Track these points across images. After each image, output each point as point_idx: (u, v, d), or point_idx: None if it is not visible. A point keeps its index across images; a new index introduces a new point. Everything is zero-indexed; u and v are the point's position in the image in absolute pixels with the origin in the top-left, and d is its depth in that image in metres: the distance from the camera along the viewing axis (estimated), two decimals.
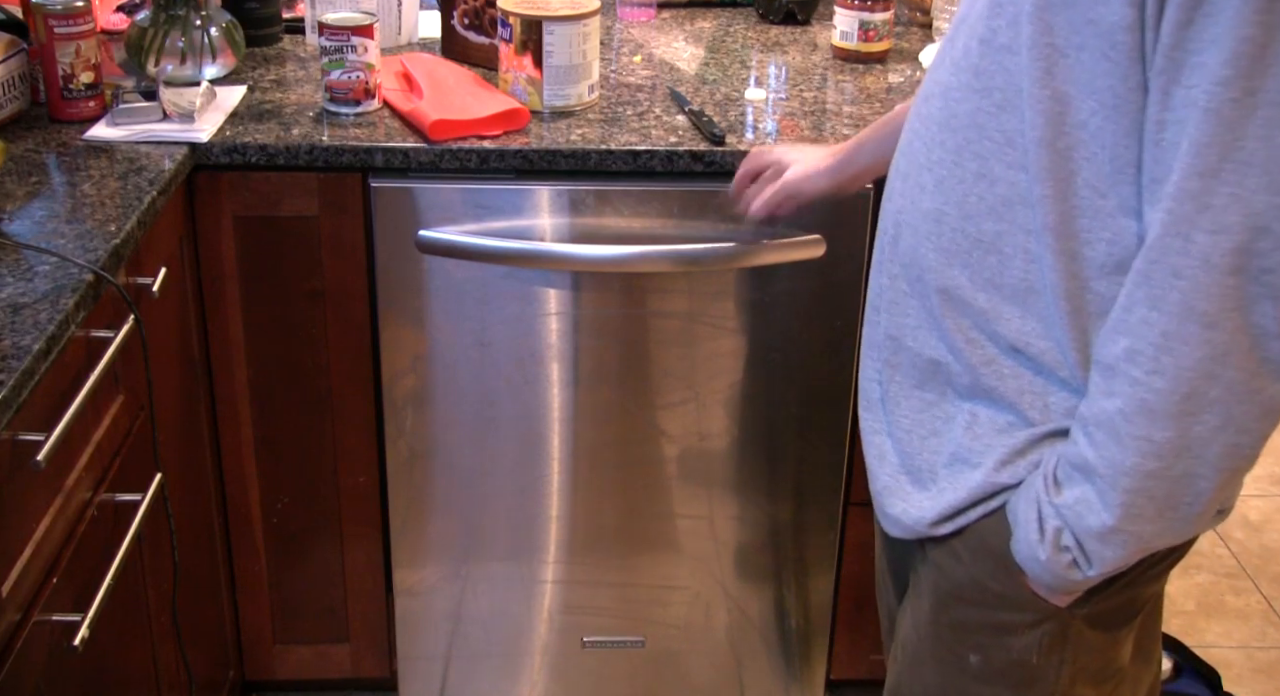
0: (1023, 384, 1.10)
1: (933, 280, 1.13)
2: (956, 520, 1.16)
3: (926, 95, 1.15)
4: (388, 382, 1.88)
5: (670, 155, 1.76)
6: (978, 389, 1.13)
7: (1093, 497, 1.04)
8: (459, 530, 1.99)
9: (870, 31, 2.05)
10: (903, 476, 1.21)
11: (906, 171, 1.17)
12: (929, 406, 1.18)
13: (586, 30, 1.82)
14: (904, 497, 1.20)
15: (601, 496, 1.98)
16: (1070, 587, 1.11)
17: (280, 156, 1.74)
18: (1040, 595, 1.13)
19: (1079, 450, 1.05)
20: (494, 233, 1.79)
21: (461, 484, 1.95)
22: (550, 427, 1.93)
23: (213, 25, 1.92)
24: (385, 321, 1.84)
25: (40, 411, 1.24)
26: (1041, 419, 1.11)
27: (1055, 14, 1.00)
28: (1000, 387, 1.12)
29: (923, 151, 1.14)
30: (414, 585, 2.02)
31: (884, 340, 1.21)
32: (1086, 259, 1.04)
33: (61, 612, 1.29)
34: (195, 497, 1.83)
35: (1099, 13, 0.97)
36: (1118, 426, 1.01)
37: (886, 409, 1.22)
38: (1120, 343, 1.00)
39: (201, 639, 1.86)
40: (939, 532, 1.18)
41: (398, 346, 1.86)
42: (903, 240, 1.17)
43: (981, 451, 1.14)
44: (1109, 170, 1.01)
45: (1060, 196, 1.03)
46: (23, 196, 1.56)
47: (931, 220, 1.12)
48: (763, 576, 2.05)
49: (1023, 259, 1.07)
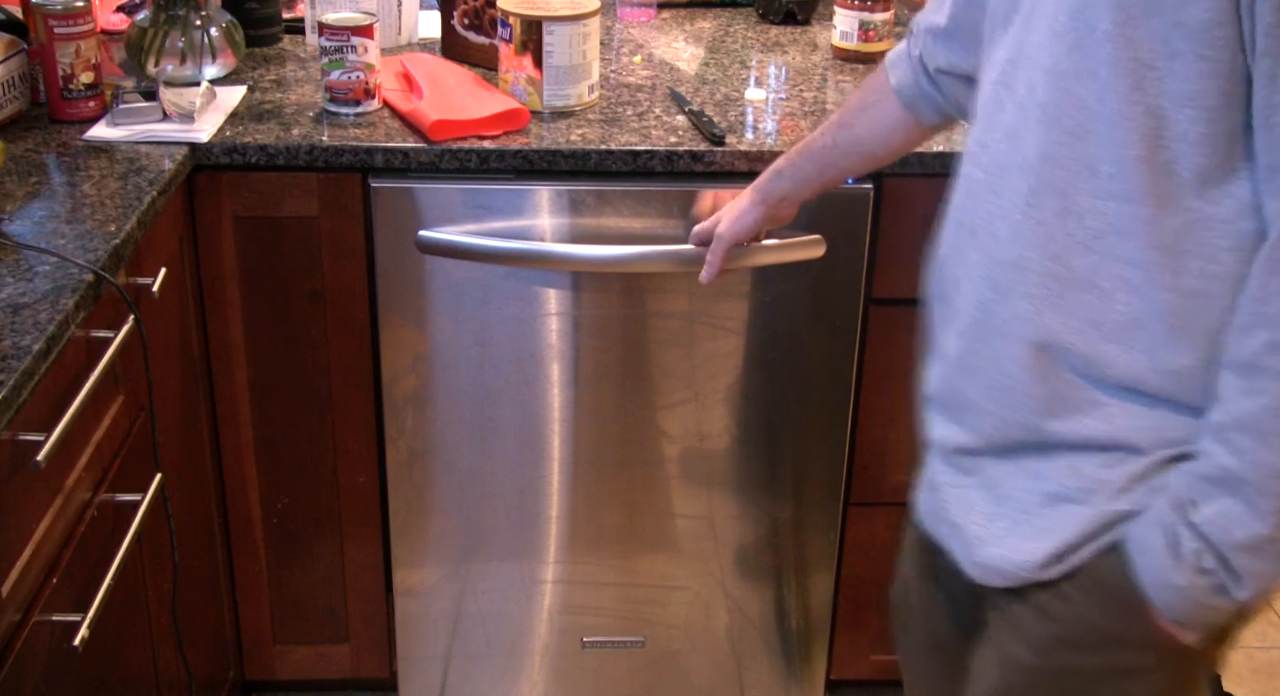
0: (1133, 421, 1.06)
1: (1023, 333, 1.08)
2: (1068, 560, 1.10)
3: (981, 145, 1.12)
4: (388, 382, 1.88)
5: (670, 155, 1.76)
6: (1078, 437, 1.08)
7: (1239, 509, 0.98)
8: (459, 530, 1.99)
9: (870, 31, 2.05)
10: (997, 523, 1.14)
11: (973, 227, 1.12)
12: (1022, 457, 1.12)
13: (586, 30, 1.82)
14: (1000, 543, 1.13)
15: (601, 496, 1.98)
16: (1212, 616, 1.04)
17: (280, 156, 1.74)
18: (1170, 632, 1.06)
19: (1218, 461, 1.00)
20: (494, 233, 1.79)
21: (461, 484, 1.95)
22: (550, 428, 1.93)
23: (213, 25, 1.92)
24: (385, 321, 1.84)
25: (40, 411, 1.24)
26: (1155, 447, 1.06)
27: (1138, 27, 0.96)
28: (1106, 428, 1.07)
29: (990, 201, 1.09)
30: (414, 585, 2.02)
31: (960, 399, 1.15)
32: (1207, 274, 1.00)
33: (61, 612, 1.29)
34: (195, 497, 1.83)
35: (1188, 14, 0.94)
36: (1265, 426, 0.97)
37: (969, 464, 1.17)
38: (1259, 337, 0.96)
39: (201, 639, 1.86)
40: (1047, 576, 1.11)
41: (398, 346, 1.86)
42: (976, 297, 1.12)
43: (1089, 488, 1.08)
44: (1220, 175, 0.98)
45: (1164, 215, 0.99)
46: (23, 196, 1.56)
47: (1013, 270, 1.08)
48: (763, 576, 2.05)
49: (1124, 291, 1.03)
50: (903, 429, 1.94)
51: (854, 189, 1.78)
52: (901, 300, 1.86)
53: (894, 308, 1.86)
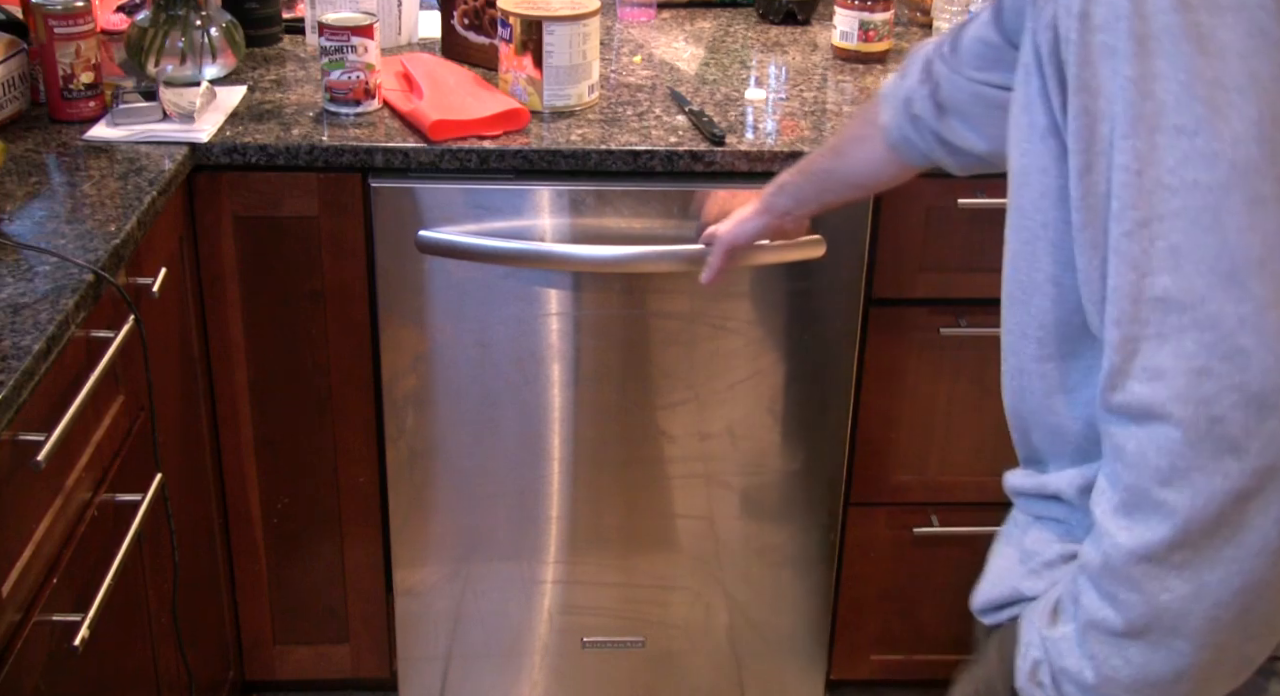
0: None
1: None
2: (993, 615, 1.06)
3: (1008, 225, 1.06)
4: (388, 382, 1.88)
5: (670, 155, 1.76)
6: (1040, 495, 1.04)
7: (1074, 636, 0.90)
8: (459, 530, 1.99)
9: (870, 31, 2.05)
10: (995, 548, 1.11)
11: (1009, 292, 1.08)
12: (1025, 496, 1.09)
13: (586, 30, 1.82)
14: (984, 572, 1.10)
15: (601, 496, 1.98)
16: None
17: (280, 156, 1.74)
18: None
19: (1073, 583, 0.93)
20: (494, 233, 1.79)
21: (461, 484, 1.95)
22: (550, 428, 1.93)
23: (213, 25, 1.92)
24: (385, 321, 1.84)
25: (40, 411, 1.24)
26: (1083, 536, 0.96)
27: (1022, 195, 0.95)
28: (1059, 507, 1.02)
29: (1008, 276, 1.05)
30: (414, 585, 2.02)
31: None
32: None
33: (61, 612, 1.29)
34: (195, 497, 1.83)
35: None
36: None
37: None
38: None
39: (201, 639, 1.86)
40: (985, 621, 1.07)
41: (398, 346, 1.86)
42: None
43: (1029, 555, 1.03)
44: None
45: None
46: (23, 196, 1.56)
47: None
48: (763, 576, 2.05)
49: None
50: (903, 429, 1.94)
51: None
52: (901, 300, 1.86)
53: (894, 308, 1.87)
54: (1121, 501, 0.84)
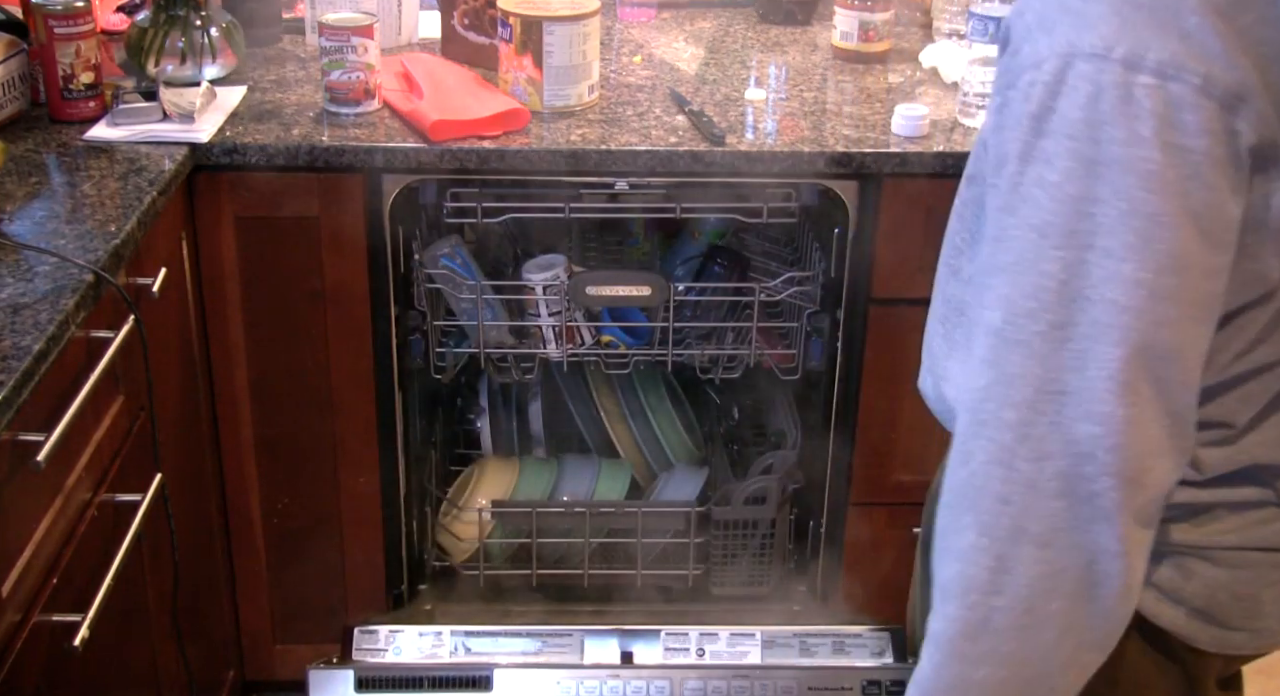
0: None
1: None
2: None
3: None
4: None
5: (670, 155, 1.76)
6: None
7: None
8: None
9: (870, 31, 2.05)
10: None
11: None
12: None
13: (586, 30, 1.82)
14: None
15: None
16: None
17: (280, 157, 1.74)
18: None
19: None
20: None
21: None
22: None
23: (213, 25, 1.92)
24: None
25: (40, 411, 1.24)
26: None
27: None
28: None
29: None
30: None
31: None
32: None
33: (61, 612, 1.29)
34: (195, 497, 1.83)
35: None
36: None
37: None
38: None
39: (201, 639, 1.86)
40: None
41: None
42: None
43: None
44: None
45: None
46: (23, 197, 1.56)
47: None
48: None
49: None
50: (903, 429, 1.94)
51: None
52: (901, 300, 1.86)
53: (894, 307, 1.86)
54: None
